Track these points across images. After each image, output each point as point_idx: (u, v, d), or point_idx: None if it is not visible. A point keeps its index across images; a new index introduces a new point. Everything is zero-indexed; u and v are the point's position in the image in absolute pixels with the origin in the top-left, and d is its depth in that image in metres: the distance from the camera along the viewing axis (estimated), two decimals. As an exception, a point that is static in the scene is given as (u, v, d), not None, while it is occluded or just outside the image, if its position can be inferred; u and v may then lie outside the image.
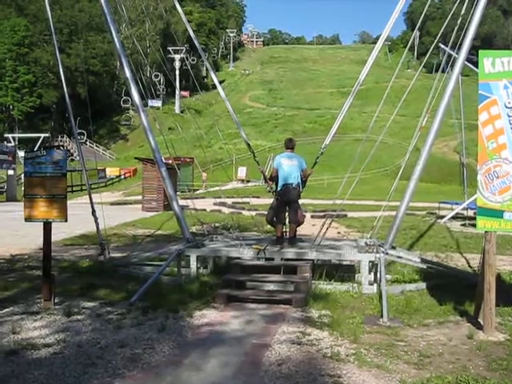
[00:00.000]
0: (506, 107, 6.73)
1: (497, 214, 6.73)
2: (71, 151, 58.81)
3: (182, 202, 29.16)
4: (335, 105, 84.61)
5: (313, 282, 9.24)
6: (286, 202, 10.31)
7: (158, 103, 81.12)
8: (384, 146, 47.27)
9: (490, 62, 6.80)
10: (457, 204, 23.66)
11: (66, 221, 7.85)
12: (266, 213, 11.11)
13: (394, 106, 11.46)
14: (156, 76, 46.54)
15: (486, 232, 6.88)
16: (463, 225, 22.10)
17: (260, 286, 8.87)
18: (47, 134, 46.21)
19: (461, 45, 9.30)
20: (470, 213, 23.09)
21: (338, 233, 17.88)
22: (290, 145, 10.67)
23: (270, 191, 11.09)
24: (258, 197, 30.72)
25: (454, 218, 22.80)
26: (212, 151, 57.27)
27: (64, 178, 7.73)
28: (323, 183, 41.18)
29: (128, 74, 10.70)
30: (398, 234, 11.66)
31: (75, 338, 6.41)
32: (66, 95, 11.68)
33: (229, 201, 31.57)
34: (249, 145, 12.73)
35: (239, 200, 32.19)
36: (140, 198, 31.97)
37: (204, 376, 5.23)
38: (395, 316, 7.64)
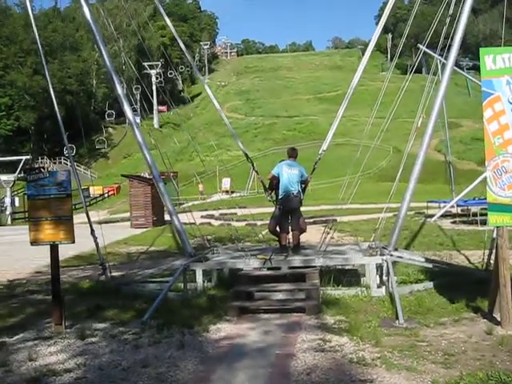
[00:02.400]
0: (510, 103, 6.81)
1: (507, 208, 6.79)
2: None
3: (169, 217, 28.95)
4: (313, 111, 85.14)
5: (320, 288, 9.22)
6: (288, 210, 10.27)
7: (136, 119, 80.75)
8: (364, 149, 47.61)
9: (491, 59, 6.88)
10: (444, 202, 23.87)
11: (74, 242, 7.73)
12: (268, 222, 11.06)
13: (372, 109, 11.51)
14: (137, 89, 46.31)
15: (497, 227, 6.92)
16: (453, 222, 22.31)
17: (270, 295, 8.82)
18: (28, 156, 45.59)
19: (437, 44, 9.39)
20: (459, 210, 23.38)
21: (332, 238, 17.87)
22: (293, 153, 10.63)
23: (270, 200, 11.06)
24: (244, 207, 30.69)
25: (443, 216, 23.00)
26: (194, 164, 57.19)
27: (69, 198, 7.62)
28: (308, 189, 41.21)
29: (119, 90, 10.61)
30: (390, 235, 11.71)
31: (95, 360, 6.29)
32: (59, 116, 11.62)
33: (216, 213, 31.51)
34: (246, 154, 12.72)
35: (226, 211, 32.17)
36: (126, 215, 31.80)
37: (236, 391, 5.17)
38: (410, 317, 7.64)
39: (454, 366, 5.61)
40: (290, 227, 10.49)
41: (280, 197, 10.26)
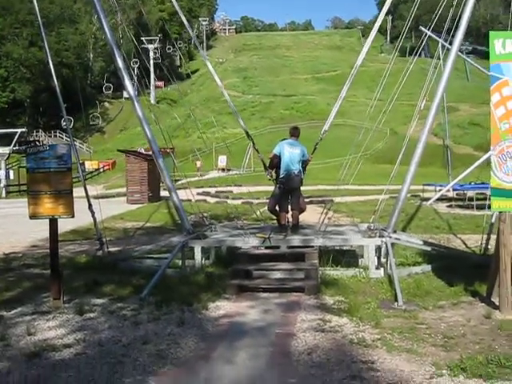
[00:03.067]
0: (518, 87, 6.75)
1: (511, 194, 6.76)
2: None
3: (166, 193, 28.94)
4: (311, 90, 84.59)
5: (319, 268, 9.22)
6: (289, 189, 10.22)
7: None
8: (360, 130, 47.49)
9: (501, 43, 6.80)
10: (441, 186, 23.88)
11: (73, 217, 7.67)
12: (268, 201, 11.02)
13: (371, 90, 11.43)
14: (135, 63, 45.79)
15: (500, 212, 6.90)
16: (449, 206, 22.34)
17: (269, 274, 8.82)
18: (24, 129, 45.18)
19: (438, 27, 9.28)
20: (454, 194, 23.43)
21: (328, 218, 17.87)
22: (295, 133, 10.53)
23: (270, 179, 10.99)
24: (240, 185, 30.70)
25: (439, 199, 23.04)
26: (191, 141, 56.93)
27: (69, 172, 7.53)
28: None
29: (121, 64, 10.45)
30: (387, 217, 11.69)
31: (94, 336, 6.27)
32: (57, 88, 11.46)
33: (212, 190, 31.51)
34: (247, 132, 12.61)
35: (222, 189, 32.16)
36: (122, 190, 31.73)
37: (237, 369, 5.16)
38: (409, 299, 7.65)
39: (454, 349, 5.63)
40: (289, 206, 10.46)
41: (281, 176, 10.20)
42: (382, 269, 9.27)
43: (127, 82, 10.49)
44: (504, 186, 6.78)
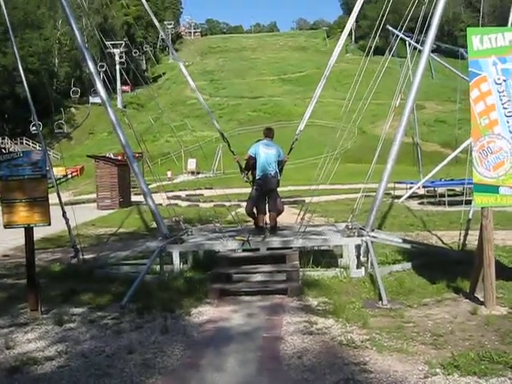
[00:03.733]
0: (496, 83, 6.78)
1: (493, 189, 6.79)
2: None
3: (137, 198, 28.48)
4: (278, 92, 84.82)
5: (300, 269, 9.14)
6: (266, 191, 10.12)
7: (99, 99, 78.99)
8: (330, 130, 47.75)
9: (479, 39, 6.83)
10: (412, 183, 24.12)
11: (50, 224, 7.43)
12: (246, 204, 10.90)
13: (336, 90, 11.47)
14: (101, 67, 44.98)
15: (482, 208, 6.92)
16: (421, 203, 22.59)
17: (251, 277, 8.70)
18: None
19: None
20: (424, 191, 23.67)
21: (302, 219, 17.85)
22: (269, 133, 10.43)
23: (247, 181, 10.88)
24: (211, 188, 30.49)
25: (410, 196, 23.26)
26: (159, 145, 56.39)
27: (44, 179, 7.29)
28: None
29: (92, 68, 10.23)
30: (362, 215, 11.73)
31: (76, 347, 6.05)
32: (28, 93, 11.22)
33: (182, 194, 31.20)
34: (222, 134, 12.48)
35: (192, 192, 31.88)
36: (91, 196, 31.20)
37: (228, 376, 5.02)
38: (392, 298, 7.63)
39: (444, 346, 5.60)
40: (266, 208, 10.37)
41: (257, 177, 10.09)
42: (363, 268, 9.24)
43: (99, 86, 10.26)
44: (485, 182, 6.81)
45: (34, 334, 6.62)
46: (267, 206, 10.37)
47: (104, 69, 39.30)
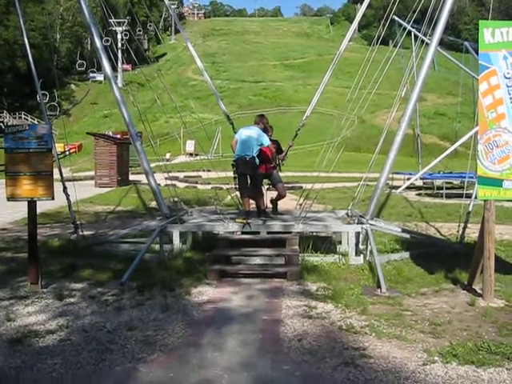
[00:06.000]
0: (505, 77, 6.78)
1: (496, 182, 6.81)
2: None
3: (135, 177, 28.41)
4: (279, 77, 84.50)
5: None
6: (242, 173, 9.91)
7: (100, 77, 78.51)
8: (330, 118, 47.71)
9: (490, 32, 6.80)
10: (410, 174, 24.15)
11: (53, 199, 7.43)
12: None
13: (338, 78, 11.46)
14: (106, 41, 44.58)
15: (485, 201, 6.95)
16: (418, 194, 22.65)
17: (250, 260, 8.75)
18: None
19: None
20: (421, 183, 23.73)
21: (300, 205, 17.88)
22: (257, 120, 10.32)
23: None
24: (209, 170, 30.44)
25: (408, 187, 23.29)
26: (158, 125, 56.17)
27: (50, 153, 7.26)
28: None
29: (98, 44, 10.18)
30: (361, 204, 11.79)
31: (77, 322, 6.09)
32: (33, 67, 11.01)
33: (180, 175, 31.18)
34: (228, 116, 12.45)
35: (191, 174, 31.84)
36: (89, 173, 31.16)
37: (229, 356, 5.06)
38: (390, 286, 7.68)
39: (443, 335, 5.65)
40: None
41: (233, 159, 10.04)
42: (362, 255, 9.29)
43: (105, 62, 10.20)
44: (490, 175, 6.83)
45: (34, 308, 6.65)
46: (252, 191, 10.12)
47: (109, 43, 38.95)
